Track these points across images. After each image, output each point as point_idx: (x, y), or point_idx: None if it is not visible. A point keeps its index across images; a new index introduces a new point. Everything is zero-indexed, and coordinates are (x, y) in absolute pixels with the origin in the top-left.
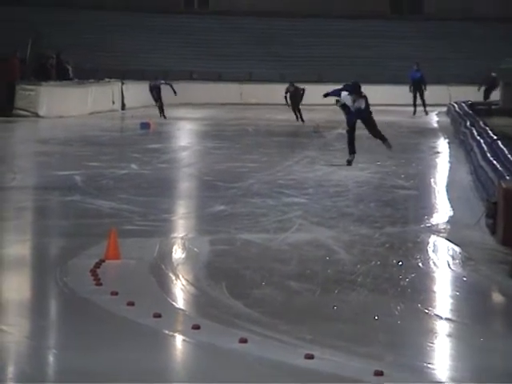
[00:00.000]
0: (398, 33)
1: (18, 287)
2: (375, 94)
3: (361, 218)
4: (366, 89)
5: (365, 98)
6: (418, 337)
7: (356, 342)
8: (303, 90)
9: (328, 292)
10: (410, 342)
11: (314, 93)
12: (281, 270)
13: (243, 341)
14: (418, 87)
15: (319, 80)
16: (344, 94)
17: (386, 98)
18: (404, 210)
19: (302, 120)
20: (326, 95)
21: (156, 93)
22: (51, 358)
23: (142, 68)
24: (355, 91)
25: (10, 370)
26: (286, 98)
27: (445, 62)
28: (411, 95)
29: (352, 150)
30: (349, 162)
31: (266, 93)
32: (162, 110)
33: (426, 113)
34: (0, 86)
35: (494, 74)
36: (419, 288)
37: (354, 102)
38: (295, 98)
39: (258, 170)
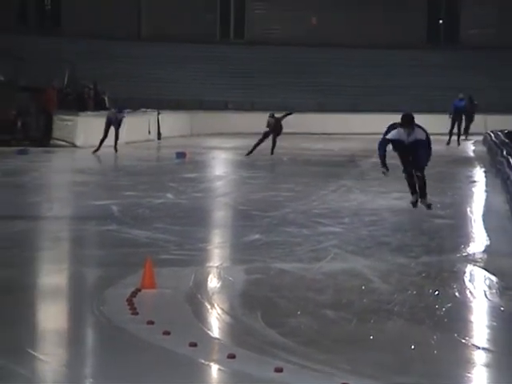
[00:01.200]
0: (434, 62)
1: (56, 316)
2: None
3: (397, 247)
4: None
5: (420, 128)
6: (455, 367)
7: (393, 371)
8: (289, 113)
9: (364, 321)
10: (447, 372)
11: (348, 122)
12: (316, 299)
13: (279, 370)
14: (458, 116)
15: (355, 109)
16: (395, 131)
17: (425, 127)
18: (440, 239)
19: (272, 152)
20: (382, 158)
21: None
22: None
23: (178, 98)
24: (406, 122)
25: None
26: (265, 132)
27: (481, 91)
28: (449, 124)
29: (414, 190)
30: (413, 204)
31: (301, 122)
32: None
33: (459, 143)
34: (38, 116)
35: None
36: (456, 317)
37: (408, 135)
38: (276, 129)
39: (293, 199)
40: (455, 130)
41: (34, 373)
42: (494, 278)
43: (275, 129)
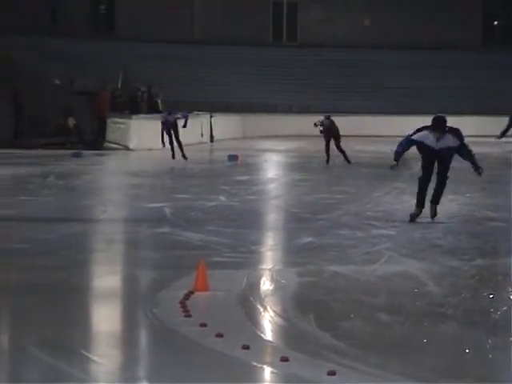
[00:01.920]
0: (488, 63)
1: (109, 318)
2: (467, 124)
3: (449, 250)
4: (460, 120)
5: (455, 132)
6: (510, 370)
7: (447, 375)
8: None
9: (418, 324)
10: (503, 375)
11: (401, 124)
12: (369, 301)
13: (332, 373)
14: None
15: (409, 111)
16: (423, 133)
17: (477, 129)
18: (494, 241)
19: (348, 161)
20: (397, 155)
21: (173, 129)
22: None
23: (230, 101)
24: (436, 126)
25: None
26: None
27: None
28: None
29: (420, 203)
30: (412, 218)
31: (353, 124)
32: (181, 149)
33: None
34: (92, 119)
35: None
36: (511, 321)
37: (437, 140)
38: (330, 133)
39: (346, 201)
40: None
41: (87, 374)
42: None
43: (329, 132)
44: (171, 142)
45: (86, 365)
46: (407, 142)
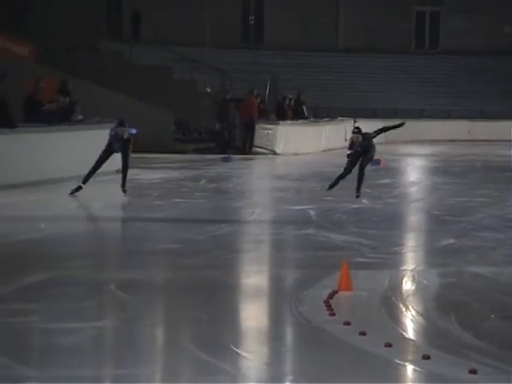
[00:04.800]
0: None
1: (256, 315)
2: None
3: None
4: None
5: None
6: None
7: None
8: (398, 125)
9: None
10: None
11: None
12: (510, 303)
13: (473, 372)
14: None
15: None
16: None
17: None
18: None
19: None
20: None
21: (118, 146)
22: None
23: (374, 107)
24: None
25: None
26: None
27: None
28: None
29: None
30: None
31: (497, 129)
32: (125, 176)
33: None
34: (241, 125)
35: None
36: None
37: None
38: (362, 151)
39: (488, 204)
40: None
41: (237, 369)
42: None
43: (361, 150)
44: (97, 167)
45: (236, 360)
46: None
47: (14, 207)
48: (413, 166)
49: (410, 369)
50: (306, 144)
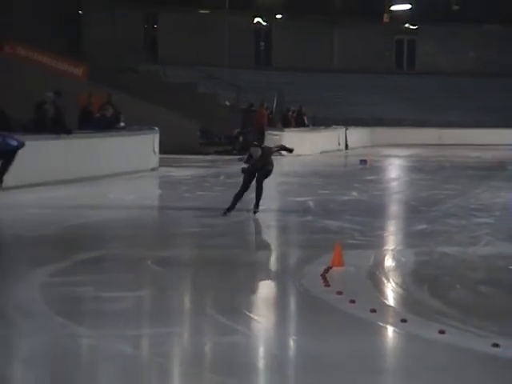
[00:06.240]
0: None
1: (265, 286)
2: None
3: None
4: None
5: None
6: None
7: None
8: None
9: None
10: None
11: (501, 135)
12: (472, 276)
13: (442, 332)
14: None
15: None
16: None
17: None
18: None
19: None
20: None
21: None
22: (292, 343)
23: (363, 117)
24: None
25: (261, 351)
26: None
27: None
28: None
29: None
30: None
31: (461, 135)
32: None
33: None
34: (254, 132)
35: None
36: None
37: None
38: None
39: (454, 196)
40: None
41: (249, 329)
42: None
43: (259, 164)
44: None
45: (248, 322)
46: None
47: (68, 198)
48: (394, 165)
49: (390, 330)
50: (306, 147)
